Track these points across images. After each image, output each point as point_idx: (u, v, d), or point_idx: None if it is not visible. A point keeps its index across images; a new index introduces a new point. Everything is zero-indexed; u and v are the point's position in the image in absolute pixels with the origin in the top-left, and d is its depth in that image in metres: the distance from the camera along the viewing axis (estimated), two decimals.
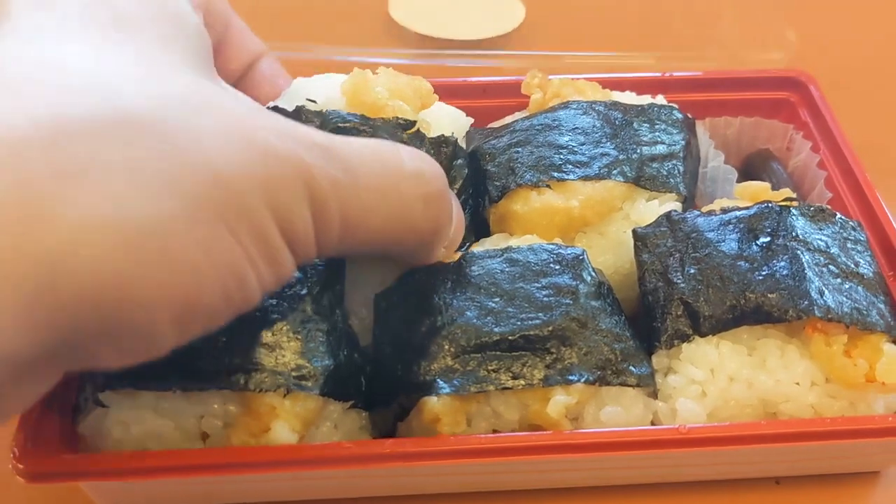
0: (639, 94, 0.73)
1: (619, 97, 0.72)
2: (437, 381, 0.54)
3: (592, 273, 0.58)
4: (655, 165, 0.66)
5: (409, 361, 0.55)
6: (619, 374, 0.55)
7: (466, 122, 0.70)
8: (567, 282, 0.57)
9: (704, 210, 0.62)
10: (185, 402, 0.53)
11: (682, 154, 0.67)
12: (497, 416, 0.55)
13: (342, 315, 0.58)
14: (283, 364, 0.53)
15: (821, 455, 0.59)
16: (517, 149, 0.66)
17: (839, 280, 0.57)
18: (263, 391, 0.52)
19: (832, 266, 0.58)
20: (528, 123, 0.68)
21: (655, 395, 0.57)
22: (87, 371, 0.54)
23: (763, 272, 0.56)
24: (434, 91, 0.66)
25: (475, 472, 0.57)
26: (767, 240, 0.58)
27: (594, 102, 0.69)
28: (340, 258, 0.59)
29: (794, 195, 0.64)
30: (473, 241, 0.64)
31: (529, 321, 0.55)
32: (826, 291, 0.55)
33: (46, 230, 0.36)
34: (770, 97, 0.78)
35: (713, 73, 0.79)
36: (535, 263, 0.58)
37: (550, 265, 0.58)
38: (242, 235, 0.42)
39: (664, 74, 0.77)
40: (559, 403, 0.53)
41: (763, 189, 0.64)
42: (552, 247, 0.59)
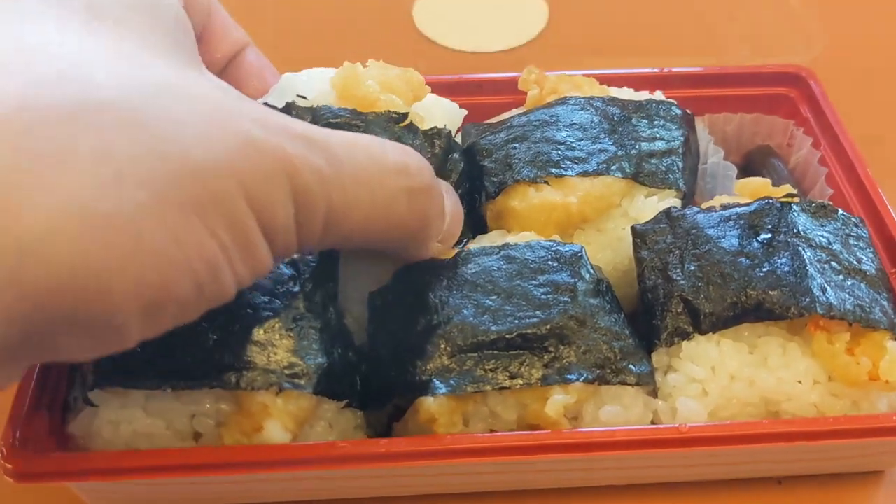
0: (637, 91, 0.73)
1: (617, 93, 0.71)
2: (434, 381, 0.53)
3: (591, 270, 0.58)
4: (654, 161, 0.65)
5: (405, 361, 0.55)
6: (619, 373, 0.54)
7: (460, 115, 0.69)
8: (565, 279, 0.56)
9: (704, 206, 0.62)
10: (176, 402, 0.52)
11: (682, 150, 0.67)
12: (495, 417, 0.54)
13: (336, 312, 0.57)
14: (276, 362, 0.52)
15: (823, 455, 0.58)
16: (514, 144, 0.66)
17: (841, 277, 0.56)
18: (255, 390, 0.51)
19: (834, 263, 0.57)
20: (526, 119, 0.68)
21: (655, 394, 0.57)
22: (77, 369, 0.53)
23: (764, 269, 0.56)
24: (431, 89, 0.66)
25: (473, 473, 0.57)
26: (768, 236, 0.57)
27: (592, 98, 0.68)
28: (334, 254, 0.58)
29: (796, 191, 0.63)
30: (470, 238, 0.63)
31: (527, 319, 0.54)
32: (828, 288, 0.55)
33: (13, 218, 0.35)
34: (770, 93, 0.78)
35: (712, 70, 0.79)
36: (533, 261, 0.57)
37: (548, 262, 0.57)
38: (217, 227, 0.41)
39: (662, 70, 0.77)
40: (558, 403, 0.53)
41: (764, 185, 0.64)
42: (550, 244, 0.58)
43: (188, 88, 0.43)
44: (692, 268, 0.57)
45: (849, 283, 0.56)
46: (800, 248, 0.56)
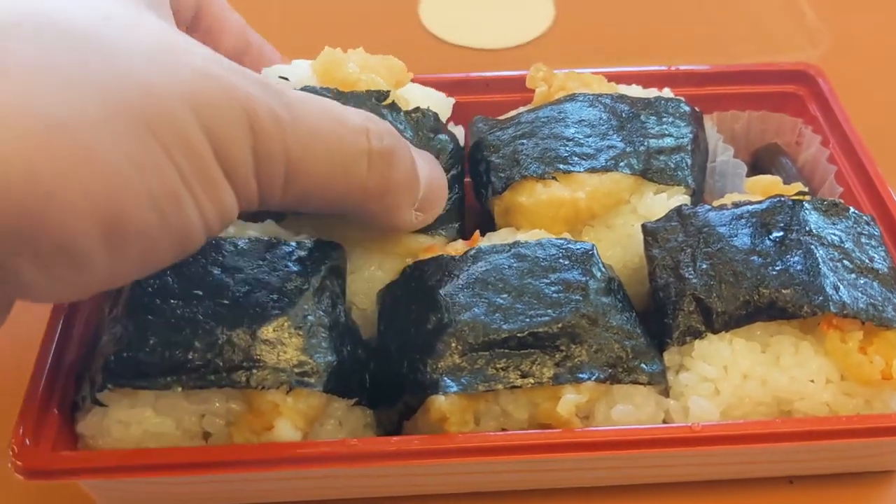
0: (645, 88, 0.72)
1: (625, 90, 0.71)
2: (445, 380, 0.53)
3: (602, 268, 0.57)
4: (663, 158, 0.65)
5: (415, 359, 0.54)
6: (631, 372, 0.54)
7: (448, 103, 0.68)
8: (577, 277, 0.56)
9: (716, 204, 0.61)
10: (186, 401, 0.52)
11: (690, 147, 0.67)
12: (506, 416, 0.54)
13: (344, 310, 0.57)
14: (286, 361, 0.52)
15: (835, 454, 0.58)
16: (522, 140, 0.65)
17: (854, 275, 0.56)
18: (266, 388, 0.51)
19: (847, 261, 0.57)
20: (534, 115, 0.67)
21: (667, 393, 0.56)
22: (86, 369, 0.53)
23: (777, 267, 0.55)
24: (436, 87, 0.65)
25: (484, 472, 0.56)
26: (781, 234, 0.57)
27: (600, 95, 0.68)
28: (341, 249, 0.58)
29: (806, 189, 0.63)
30: (459, 224, 0.63)
31: (538, 318, 0.54)
32: (841, 287, 0.54)
33: None
34: (778, 91, 0.77)
35: (720, 67, 0.78)
36: (544, 259, 0.57)
37: (560, 260, 0.57)
38: (172, 149, 0.40)
39: (670, 68, 0.77)
40: (569, 402, 0.52)
41: (775, 183, 0.63)
42: (561, 242, 0.58)
43: (141, 24, 0.42)
44: (704, 266, 0.57)
45: (861, 282, 0.56)
46: (812, 247, 0.56)
